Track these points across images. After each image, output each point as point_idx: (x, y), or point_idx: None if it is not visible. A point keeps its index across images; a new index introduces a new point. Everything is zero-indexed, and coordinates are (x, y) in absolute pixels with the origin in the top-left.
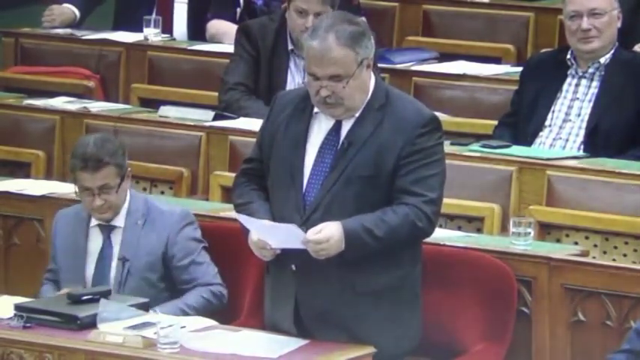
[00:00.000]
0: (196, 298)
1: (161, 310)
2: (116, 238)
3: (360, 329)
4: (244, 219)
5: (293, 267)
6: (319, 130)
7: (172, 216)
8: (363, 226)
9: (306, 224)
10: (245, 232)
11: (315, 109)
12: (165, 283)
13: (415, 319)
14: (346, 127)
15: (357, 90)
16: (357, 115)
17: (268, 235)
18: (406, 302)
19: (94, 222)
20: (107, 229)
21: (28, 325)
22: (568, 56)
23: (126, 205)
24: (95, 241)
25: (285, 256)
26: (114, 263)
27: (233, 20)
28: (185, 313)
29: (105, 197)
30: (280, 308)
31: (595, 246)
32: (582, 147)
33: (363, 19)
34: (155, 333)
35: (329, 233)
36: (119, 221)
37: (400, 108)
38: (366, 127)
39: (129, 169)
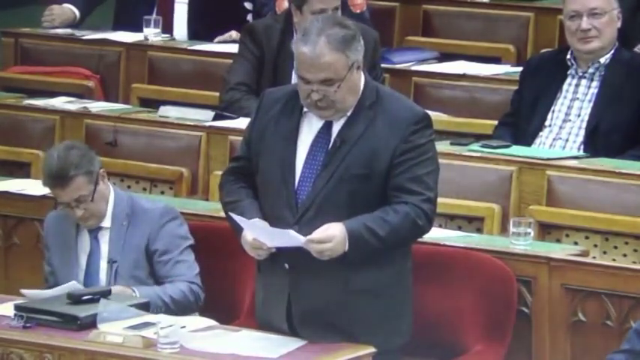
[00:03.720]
0: (175, 290)
1: (139, 291)
2: (103, 239)
3: (352, 327)
4: (239, 219)
5: (286, 265)
6: (310, 128)
7: (155, 212)
8: (365, 226)
9: (299, 223)
10: (237, 231)
11: (305, 108)
12: (154, 279)
13: (407, 315)
14: (337, 125)
15: (348, 92)
16: (348, 113)
17: (264, 234)
18: (398, 298)
19: None
20: (94, 229)
21: (28, 325)
22: (568, 56)
23: (111, 205)
24: (85, 239)
25: (278, 254)
26: (103, 264)
27: None
28: (161, 300)
29: (84, 206)
30: (273, 306)
31: (595, 246)
32: (582, 147)
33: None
34: (155, 333)
35: (332, 233)
36: (105, 222)
37: (391, 106)
38: (358, 125)
39: (101, 170)
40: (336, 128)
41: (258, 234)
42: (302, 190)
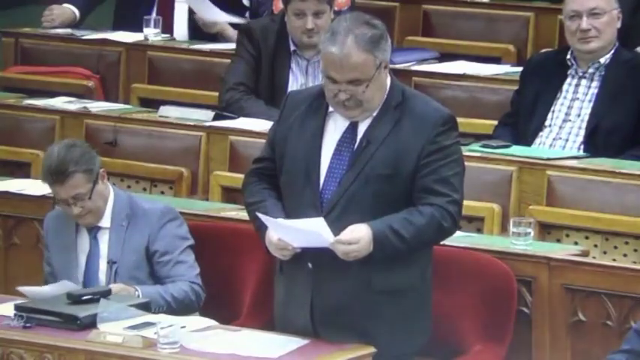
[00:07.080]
0: (177, 289)
1: (140, 290)
2: (103, 239)
3: (373, 327)
4: (265, 218)
5: (310, 265)
6: (335, 129)
7: (154, 213)
8: (391, 227)
9: None
10: (261, 231)
11: (331, 108)
12: (153, 280)
13: (427, 318)
14: (363, 125)
15: (376, 92)
16: (374, 113)
17: (290, 234)
18: (419, 301)
19: None
20: (93, 229)
21: (28, 325)
22: (568, 56)
23: (110, 205)
24: (84, 239)
25: (302, 254)
26: (102, 264)
27: None
28: (163, 298)
29: (81, 204)
30: (296, 306)
31: (595, 246)
32: (582, 147)
33: None
34: (155, 333)
35: (359, 235)
36: (105, 222)
37: (418, 106)
38: (384, 125)
39: (101, 169)
40: (361, 128)
41: (284, 234)
42: (327, 190)
